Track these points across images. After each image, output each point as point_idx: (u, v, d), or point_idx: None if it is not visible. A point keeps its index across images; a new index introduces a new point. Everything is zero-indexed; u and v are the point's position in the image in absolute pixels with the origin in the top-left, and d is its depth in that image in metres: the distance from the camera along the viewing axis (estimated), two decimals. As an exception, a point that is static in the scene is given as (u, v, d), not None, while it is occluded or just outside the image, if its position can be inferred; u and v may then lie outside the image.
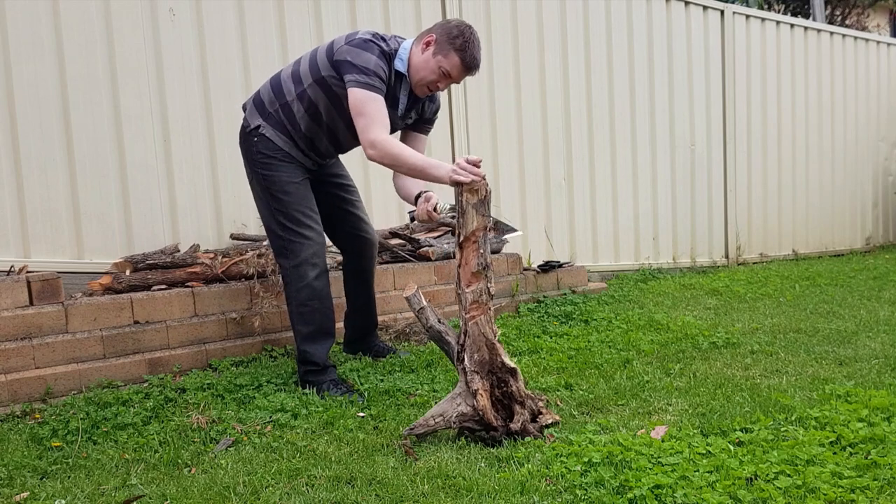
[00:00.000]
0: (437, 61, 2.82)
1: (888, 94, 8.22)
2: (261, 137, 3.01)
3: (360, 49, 2.80)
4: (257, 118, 3.05)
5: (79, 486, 2.24)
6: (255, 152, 3.04)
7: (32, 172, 3.63)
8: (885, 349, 3.57)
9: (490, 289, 2.50)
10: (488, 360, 2.49)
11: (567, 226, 5.75)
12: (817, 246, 7.68)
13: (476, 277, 2.48)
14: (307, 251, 3.01)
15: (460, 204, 2.47)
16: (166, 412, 2.86)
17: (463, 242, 2.47)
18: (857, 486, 2.00)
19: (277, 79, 3.06)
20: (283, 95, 3.00)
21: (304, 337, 3.08)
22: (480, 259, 2.47)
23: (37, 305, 3.16)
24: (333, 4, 4.49)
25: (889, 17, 17.15)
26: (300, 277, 3.03)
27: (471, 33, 2.82)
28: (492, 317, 2.51)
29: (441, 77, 2.85)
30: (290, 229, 3.01)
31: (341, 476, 2.21)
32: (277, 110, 3.01)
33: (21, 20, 3.58)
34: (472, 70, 2.86)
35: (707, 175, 6.68)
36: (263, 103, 3.05)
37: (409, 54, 2.89)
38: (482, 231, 2.47)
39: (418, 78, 2.88)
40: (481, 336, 2.48)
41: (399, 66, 2.89)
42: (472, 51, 2.81)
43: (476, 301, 2.48)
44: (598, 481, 2.08)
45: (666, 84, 6.31)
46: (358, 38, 2.86)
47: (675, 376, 3.19)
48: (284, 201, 3.01)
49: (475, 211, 2.46)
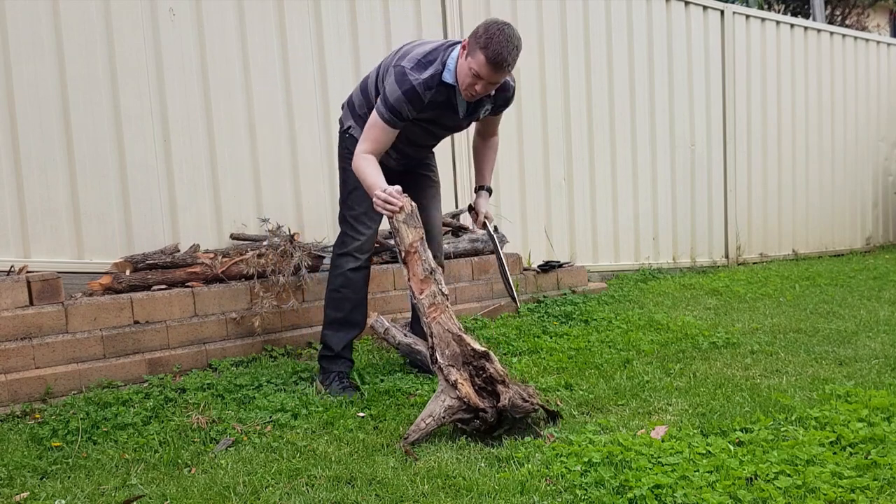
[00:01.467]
0: (468, 63, 2.77)
1: (888, 94, 8.22)
2: (350, 137, 3.18)
3: (395, 82, 2.85)
4: (350, 119, 3.23)
5: (79, 486, 2.24)
6: (344, 149, 3.22)
7: (32, 172, 3.63)
8: (885, 349, 3.57)
9: (443, 289, 2.67)
10: (459, 351, 2.59)
11: (567, 226, 5.75)
12: (817, 246, 7.68)
13: (426, 283, 2.66)
14: (354, 245, 3.18)
15: (392, 224, 2.72)
16: (166, 412, 2.86)
17: (406, 257, 2.69)
18: (857, 486, 2.00)
19: (365, 83, 3.20)
20: (370, 100, 3.11)
21: (329, 321, 3.23)
22: (424, 265, 2.67)
23: (37, 305, 3.16)
24: (333, 4, 4.49)
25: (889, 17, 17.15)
26: (339, 266, 3.20)
27: (497, 29, 2.72)
28: (451, 313, 2.66)
29: (475, 79, 2.78)
30: (349, 223, 3.19)
31: (341, 476, 2.21)
32: (366, 112, 3.11)
33: (21, 20, 3.58)
34: (499, 66, 2.74)
35: (707, 175, 6.68)
36: (354, 105, 3.22)
37: (455, 62, 2.87)
38: (419, 241, 2.69)
39: (461, 83, 2.85)
40: (446, 332, 2.60)
41: (447, 78, 2.87)
42: (495, 47, 2.70)
43: (433, 304, 2.64)
44: (598, 481, 2.08)
45: (666, 84, 6.31)
46: (401, 65, 2.87)
47: (675, 376, 3.19)
48: (353, 195, 3.17)
49: (406, 225, 2.69)
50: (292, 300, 3.68)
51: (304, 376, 3.26)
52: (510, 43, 2.72)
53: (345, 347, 3.21)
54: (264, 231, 4.04)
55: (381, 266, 4.14)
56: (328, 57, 4.44)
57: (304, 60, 4.37)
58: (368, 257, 3.24)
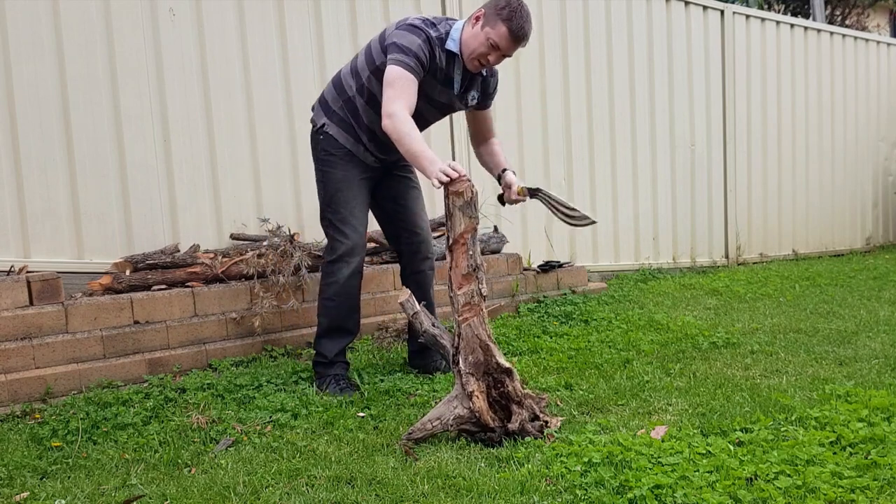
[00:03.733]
0: (485, 33, 2.81)
1: (888, 94, 8.22)
2: (325, 136, 3.12)
3: (407, 32, 2.84)
4: (322, 117, 3.16)
5: (79, 486, 2.24)
6: (320, 150, 3.15)
7: (32, 172, 3.63)
8: (885, 349, 3.57)
9: (482, 290, 2.51)
10: (483, 361, 2.49)
11: (567, 226, 5.73)
12: (817, 246, 7.68)
13: (467, 279, 2.49)
14: (344, 249, 3.11)
15: (447, 207, 2.50)
16: (166, 412, 2.86)
17: (452, 245, 2.50)
18: (857, 486, 2.00)
19: (338, 77, 3.15)
20: (345, 91, 3.08)
21: (323, 329, 3.20)
22: (470, 261, 2.48)
23: (37, 305, 3.16)
24: (333, 4, 4.49)
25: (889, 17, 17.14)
26: (331, 273, 3.14)
27: (518, 3, 2.81)
28: (485, 318, 2.51)
29: (490, 49, 2.83)
30: (336, 226, 3.12)
31: (341, 476, 2.21)
32: (342, 106, 3.08)
33: (21, 20, 3.58)
34: (520, 40, 2.83)
35: (707, 175, 6.68)
36: (327, 102, 3.15)
37: (460, 34, 2.90)
38: (470, 233, 2.49)
39: (469, 51, 2.87)
40: (475, 338, 2.48)
41: (451, 46, 2.90)
42: (519, 20, 2.78)
43: (468, 303, 2.49)
44: (598, 481, 2.08)
45: (666, 84, 6.31)
46: (407, 23, 2.89)
47: (675, 376, 3.19)
48: (338, 198, 3.11)
49: (462, 213, 2.48)
50: (292, 300, 3.68)
51: (304, 376, 3.26)
52: (530, 18, 2.84)
53: (339, 353, 3.18)
54: (264, 231, 4.04)
55: (382, 266, 4.14)
56: (328, 57, 4.43)
57: (304, 60, 4.37)
58: (361, 260, 3.17)
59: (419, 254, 3.33)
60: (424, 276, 3.36)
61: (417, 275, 3.35)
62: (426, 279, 3.36)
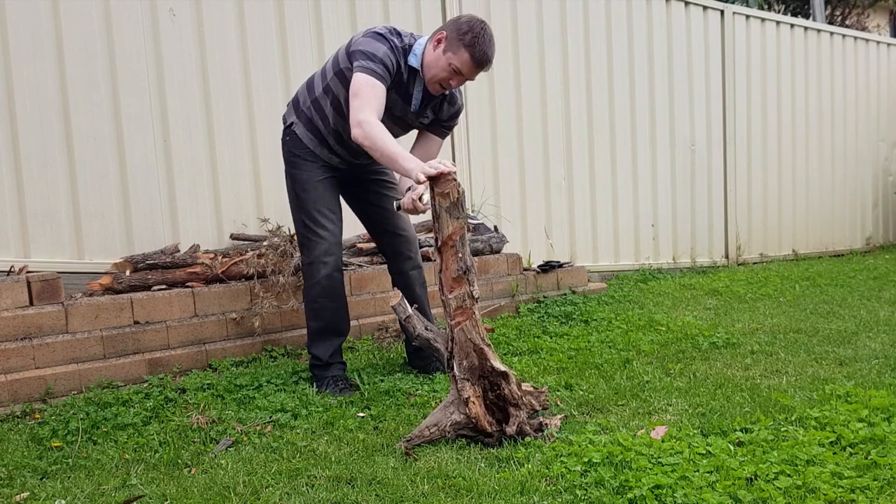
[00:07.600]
0: (447, 58, 2.80)
1: (888, 94, 8.22)
2: (292, 135, 3.12)
3: (372, 39, 2.84)
4: (292, 115, 3.16)
5: (79, 486, 2.24)
6: (287, 150, 3.15)
7: (32, 172, 3.63)
8: (885, 349, 3.57)
9: (474, 292, 2.45)
10: (478, 365, 2.46)
11: (567, 226, 5.75)
12: (817, 246, 7.68)
13: (458, 282, 2.44)
14: (319, 249, 3.08)
15: (434, 209, 2.45)
16: (166, 412, 2.86)
17: (441, 247, 2.45)
18: (857, 486, 2.00)
19: (311, 77, 3.15)
20: (313, 91, 3.08)
21: (312, 332, 3.18)
22: (460, 263, 2.43)
23: (37, 305, 3.16)
24: (333, 4, 4.49)
25: (889, 17, 17.14)
26: (312, 275, 3.12)
27: (481, 28, 2.78)
28: (478, 320, 2.47)
29: (452, 74, 2.83)
30: (308, 226, 3.09)
31: (341, 476, 2.21)
32: (309, 107, 3.08)
33: (21, 20, 3.58)
34: (482, 66, 2.82)
35: (707, 175, 6.68)
36: (298, 101, 3.15)
37: (423, 51, 2.89)
38: (459, 234, 2.42)
39: (431, 75, 2.87)
40: (469, 342, 2.45)
41: (412, 62, 2.89)
42: (481, 46, 2.76)
43: (460, 307, 2.45)
44: (598, 481, 2.08)
45: (666, 84, 6.31)
46: (373, 31, 2.89)
47: (675, 376, 3.19)
48: (304, 198, 3.09)
49: (448, 215, 2.42)
50: (292, 300, 3.68)
51: (304, 376, 3.26)
52: (493, 42, 2.81)
53: (333, 354, 3.17)
54: (264, 231, 4.04)
55: (381, 266, 4.14)
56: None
57: (304, 60, 4.37)
58: (338, 258, 3.13)
59: (401, 255, 3.32)
60: (409, 277, 3.34)
61: (402, 276, 3.34)
62: (411, 280, 3.33)
